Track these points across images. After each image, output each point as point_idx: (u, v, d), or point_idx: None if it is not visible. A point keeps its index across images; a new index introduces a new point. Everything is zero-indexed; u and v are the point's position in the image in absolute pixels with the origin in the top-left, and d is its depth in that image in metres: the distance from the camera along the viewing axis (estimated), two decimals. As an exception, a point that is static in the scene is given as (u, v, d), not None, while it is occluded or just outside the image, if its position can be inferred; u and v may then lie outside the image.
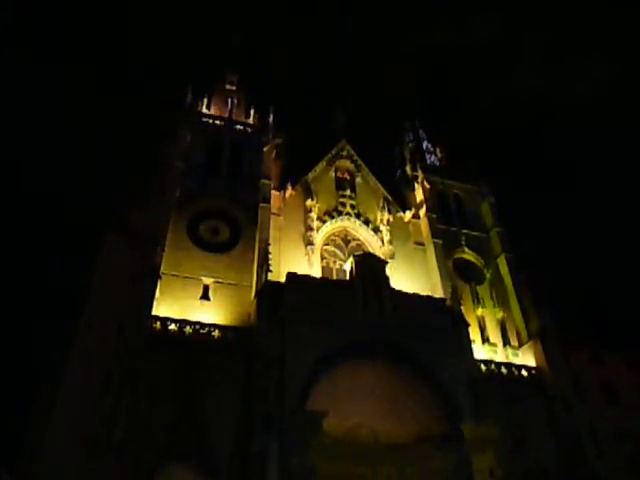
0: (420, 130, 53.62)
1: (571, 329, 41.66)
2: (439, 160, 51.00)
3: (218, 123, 42.91)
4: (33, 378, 33.26)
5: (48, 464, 25.58)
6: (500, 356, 36.07)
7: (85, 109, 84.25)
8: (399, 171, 49.50)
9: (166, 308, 30.44)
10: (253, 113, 45.00)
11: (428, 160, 50.26)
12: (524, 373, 34.76)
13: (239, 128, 43.28)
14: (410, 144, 51.38)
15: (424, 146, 51.75)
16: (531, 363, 35.60)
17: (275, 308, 29.71)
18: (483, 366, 33.66)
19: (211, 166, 39.50)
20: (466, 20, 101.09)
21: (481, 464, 27.64)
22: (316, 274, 36.26)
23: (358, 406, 29.16)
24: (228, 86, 47.41)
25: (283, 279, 31.59)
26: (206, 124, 42.34)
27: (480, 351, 35.06)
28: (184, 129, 40.28)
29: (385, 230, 40.64)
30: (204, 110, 43.61)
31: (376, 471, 28.83)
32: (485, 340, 36.60)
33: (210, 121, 42.73)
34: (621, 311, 59.42)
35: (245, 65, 50.80)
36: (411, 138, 52.20)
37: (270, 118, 43.60)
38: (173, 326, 29.40)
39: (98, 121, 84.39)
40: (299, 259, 36.73)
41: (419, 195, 44.85)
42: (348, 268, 34.12)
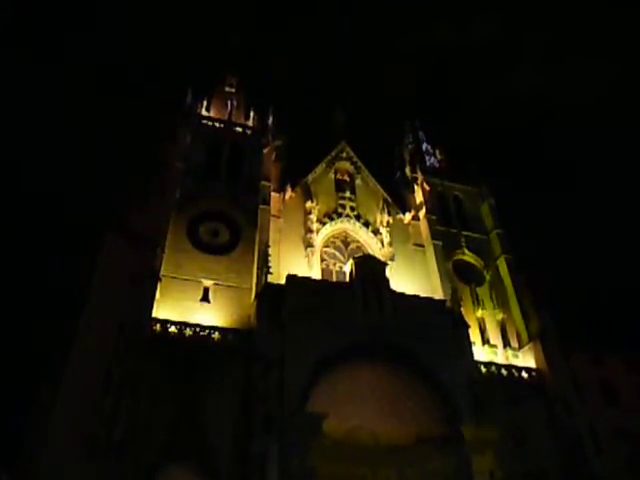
0: (420, 131, 53.56)
1: (571, 330, 41.71)
2: (439, 162, 50.97)
3: (218, 125, 42.94)
4: (33, 378, 33.20)
5: (48, 464, 25.53)
6: (500, 357, 36.07)
7: (85, 109, 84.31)
8: (399, 173, 49.44)
9: (166, 310, 30.46)
10: (253, 115, 45.10)
11: (428, 162, 50.26)
12: (524, 375, 34.73)
13: (239, 130, 43.34)
14: (410, 145, 51.34)
15: (424, 147, 51.70)
16: (531, 364, 35.59)
17: (275, 310, 29.73)
18: (483, 368, 33.67)
19: (211, 168, 39.53)
20: (466, 20, 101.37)
21: (481, 465, 27.68)
22: (316, 276, 36.31)
23: (358, 408, 29.17)
24: (228, 88, 47.54)
25: (283, 281, 31.62)
26: (206, 126, 42.38)
27: (480, 353, 35.08)
28: (184, 130, 40.33)
29: (385, 232, 40.65)
30: (204, 112, 43.69)
31: (376, 473, 28.81)
32: (485, 342, 36.62)
33: (210, 123, 42.77)
34: (621, 312, 59.49)
35: (245, 67, 50.91)
36: (411, 139, 52.15)
37: (270, 120, 43.71)
38: (173, 328, 29.41)
39: (98, 121, 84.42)
40: (299, 261, 36.75)
41: (419, 197, 44.88)
42: (348, 270, 34.14)
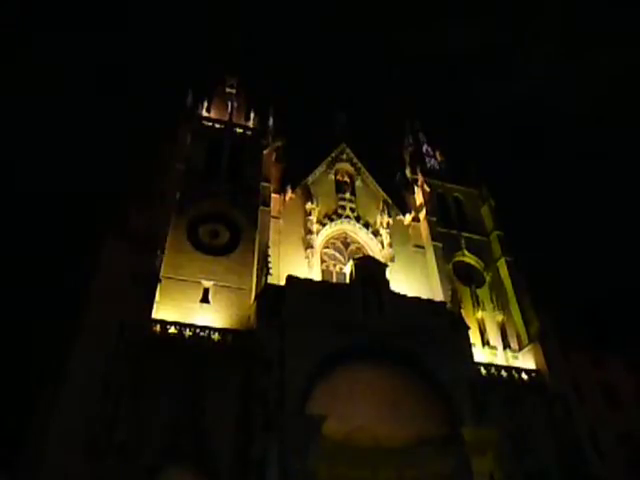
0: (420, 133, 53.67)
1: (571, 331, 41.73)
2: (439, 163, 51.04)
3: (218, 126, 42.96)
4: (33, 378, 33.17)
5: (48, 465, 25.42)
6: (500, 359, 36.09)
7: (85, 109, 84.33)
8: (399, 174, 49.43)
9: (166, 311, 30.47)
10: (253, 116, 45.14)
11: (428, 163, 50.33)
12: (524, 376, 34.67)
13: (239, 131, 43.34)
14: (410, 147, 51.44)
15: (424, 149, 51.78)
16: (531, 366, 35.57)
17: (275, 311, 29.69)
18: (483, 369, 33.63)
19: (211, 169, 39.55)
20: (467, 22, 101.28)
21: (481, 467, 27.65)
22: (316, 277, 36.29)
23: (358, 409, 29.08)
24: (228, 89, 47.63)
25: (283, 282, 31.58)
26: (206, 127, 42.40)
27: (480, 354, 35.09)
28: (184, 131, 40.38)
29: (385, 233, 40.66)
30: (204, 113, 43.74)
31: (376, 474, 28.70)
32: (485, 343, 36.65)
33: (210, 124, 42.79)
34: (620, 313, 59.55)
35: (245, 67, 51.01)
36: (411, 141, 52.22)
37: (270, 121, 43.74)
38: (173, 329, 29.35)
39: (98, 121, 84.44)
40: (299, 262, 36.75)
41: (419, 198, 44.89)
42: (348, 271, 34.15)
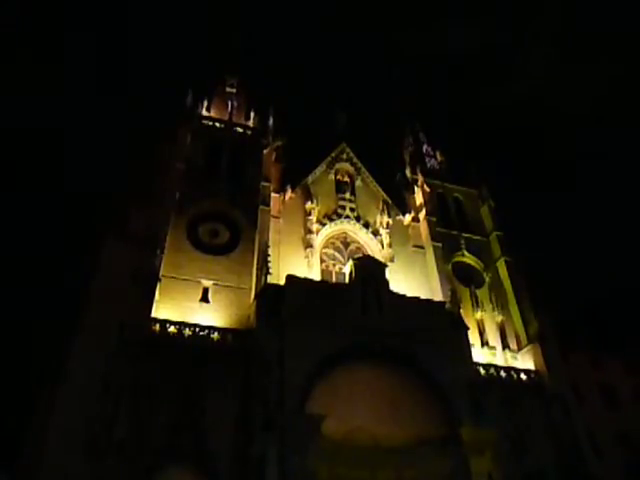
0: (420, 133, 53.69)
1: (570, 332, 41.78)
2: (439, 163, 51.04)
3: (218, 125, 42.94)
4: (33, 378, 33.20)
5: (48, 465, 25.48)
6: (499, 359, 36.12)
7: (85, 109, 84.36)
8: (399, 174, 49.48)
9: (166, 310, 30.52)
10: (253, 115, 45.15)
11: (428, 163, 50.33)
12: (523, 377, 34.73)
13: (239, 130, 43.34)
14: (410, 147, 51.48)
15: (424, 149, 51.78)
16: (530, 366, 35.62)
17: (275, 311, 29.73)
18: (482, 369, 33.70)
19: (211, 168, 39.55)
20: (467, 22, 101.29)
21: (480, 467, 27.68)
22: (315, 277, 36.33)
23: (357, 409, 29.09)
24: (228, 88, 47.65)
25: (282, 282, 31.62)
26: (206, 126, 42.39)
27: (479, 354, 35.13)
28: (184, 131, 40.37)
29: (385, 233, 40.70)
30: (204, 112, 43.72)
31: (375, 474, 28.63)
32: (484, 343, 36.67)
33: (210, 123, 42.77)
34: (620, 314, 59.52)
35: (245, 67, 51.03)
36: (411, 141, 52.25)
37: (270, 120, 43.73)
38: (172, 328, 29.41)
39: (98, 121, 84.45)
40: (299, 262, 36.79)
41: (419, 198, 44.93)
42: (348, 271, 34.17)
